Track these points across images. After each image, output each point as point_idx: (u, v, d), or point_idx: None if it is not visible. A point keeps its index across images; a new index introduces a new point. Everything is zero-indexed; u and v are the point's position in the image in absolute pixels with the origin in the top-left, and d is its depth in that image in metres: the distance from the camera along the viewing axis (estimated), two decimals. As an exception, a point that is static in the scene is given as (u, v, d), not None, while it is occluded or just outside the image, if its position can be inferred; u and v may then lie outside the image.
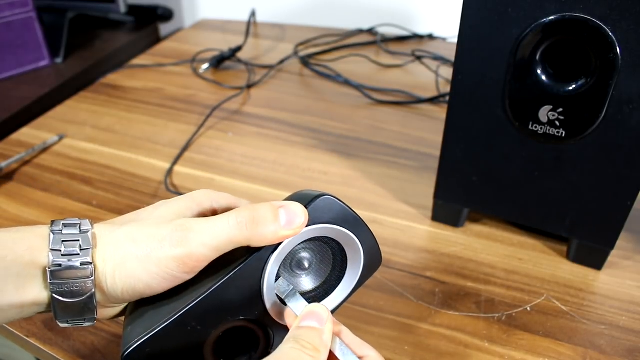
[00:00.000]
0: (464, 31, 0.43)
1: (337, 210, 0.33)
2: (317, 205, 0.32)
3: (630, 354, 0.42)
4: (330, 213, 0.33)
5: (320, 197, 0.32)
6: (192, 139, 0.70)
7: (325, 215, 0.33)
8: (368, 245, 0.35)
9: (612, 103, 0.40)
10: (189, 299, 0.30)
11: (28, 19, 0.83)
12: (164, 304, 0.30)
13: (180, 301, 0.30)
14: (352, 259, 0.35)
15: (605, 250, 0.48)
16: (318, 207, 0.32)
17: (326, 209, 0.33)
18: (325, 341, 0.29)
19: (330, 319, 0.30)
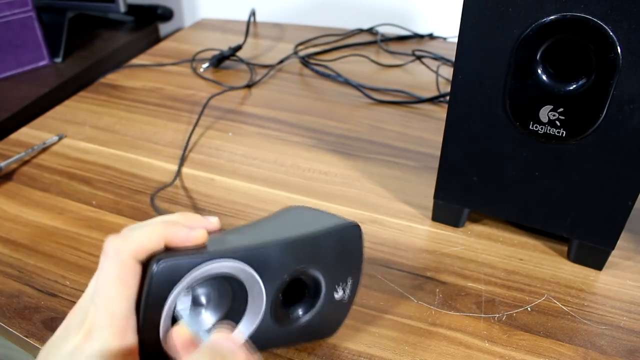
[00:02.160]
0: (464, 31, 0.43)
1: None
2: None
3: (631, 355, 0.41)
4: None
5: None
6: (189, 138, 0.70)
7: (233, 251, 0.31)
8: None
9: (612, 103, 0.40)
10: None
11: (27, 19, 0.83)
12: None
13: None
14: (253, 293, 0.33)
15: (606, 250, 0.48)
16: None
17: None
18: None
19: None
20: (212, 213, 0.56)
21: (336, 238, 0.36)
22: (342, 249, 0.36)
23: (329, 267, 0.36)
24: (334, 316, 0.39)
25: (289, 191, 0.60)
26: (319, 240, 0.35)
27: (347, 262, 0.37)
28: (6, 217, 0.56)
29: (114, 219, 0.56)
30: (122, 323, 0.28)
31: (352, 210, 0.57)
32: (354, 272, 0.38)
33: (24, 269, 0.49)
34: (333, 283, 0.37)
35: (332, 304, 0.38)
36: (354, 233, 0.37)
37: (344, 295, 0.38)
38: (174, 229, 0.30)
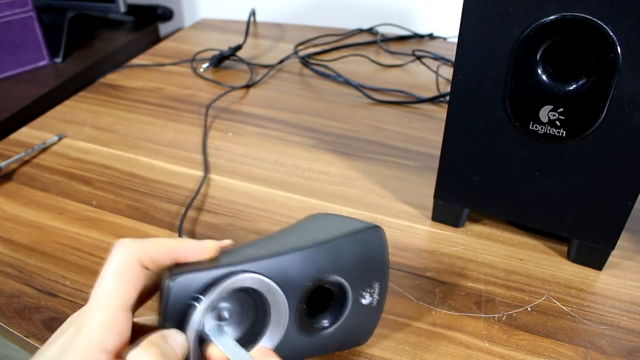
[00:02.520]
0: (464, 31, 0.43)
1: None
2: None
3: (630, 355, 0.41)
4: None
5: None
6: (205, 142, 0.70)
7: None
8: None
9: (612, 103, 0.40)
10: None
11: (27, 19, 0.83)
12: None
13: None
14: (275, 305, 0.32)
15: (606, 250, 0.48)
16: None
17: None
18: None
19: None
20: (212, 213, 0.57)
21: (357, 242, 0.35)
22: (364, 253, 0.35)
23: (352, 273, 0.35)
24: (364, 322, 0.38)
25: (289, 191, 0.60)
26: (340, 246, 0.34)
27: (372, 265, 0.36)
28: (6, 217, 0.56)
29: (114, 219, 0.56)
30: (115, 318, 0.27)
31: (352, 210, 0.57)
32: (380, 275, 0.37)
33: (24, 269, 0.49)
34: (359, 288, 0.36)
35: (360, 309, 0.37)
36: (376, 235, 0.36)
37: (372, 300, 0.37)
38: (184, 242, 0.31)
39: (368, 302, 0.37)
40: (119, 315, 0.27)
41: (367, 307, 0.37)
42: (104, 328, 0.27)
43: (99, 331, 0.26)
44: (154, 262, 0.29)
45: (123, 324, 0.27)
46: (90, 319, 0.27)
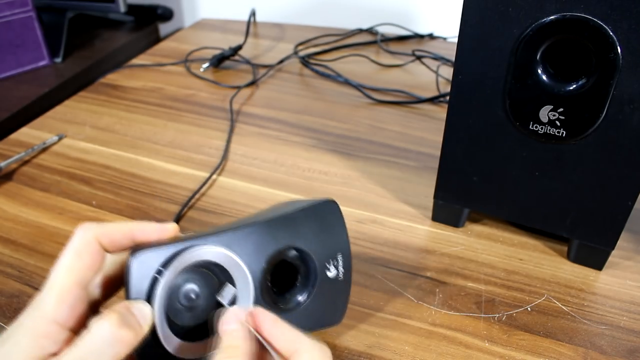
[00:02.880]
0: (464, 31, 0.43)
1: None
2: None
3: (630, 355, 0.41)
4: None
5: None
6: (227, 146, 0.70)
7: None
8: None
9: (612, 103, 0.40)
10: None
11: (27, 19, 0.83)
12: None
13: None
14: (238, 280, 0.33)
15: (606, 250, 0.48)
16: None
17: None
18: (246, 337, 0.29)
19: (245, 316, 0.30)
20: (212, 213, 0.57)
21: (313, 214, 0.36)
22: (322, 225, 0.36)
23: (313, 245, 0.36)
24: (334, 298, 0.38)
25: (289, 191, 0.60)
26: (296, 218, 0.35)
27: (332, 238, 0.37)
28: (6, 217, 0.56)
29: (114, 219, 0.56)
30: (68, 293, 0.28)
31: (352, 210, 0.57)
32: (342, 247, 0.37)
33: (24, 269, 0.49)
34: (322, 261, 0.36)
35: (327, 284, 0.37)
36: (331, 208, 0.37)
37: (337, 273, 0.37)
38: (143, 223, 0.31)
39: (334, 275, 0.37)
40: (73, 290, 0.28)
41: (334, 281, 0.37)
42: (56, 301, 0.27)
43: (51, 304, 0.27)
44: (113, 242, 0.30)
45: (76, 299, 0.28)
46: (44, 294, 0.28)
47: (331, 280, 0.37)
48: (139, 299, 0.29)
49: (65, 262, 0.29)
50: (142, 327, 0.28)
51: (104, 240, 0.30)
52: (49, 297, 0.27)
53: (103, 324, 0.26)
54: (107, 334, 0.26)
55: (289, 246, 0.35)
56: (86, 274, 0.29)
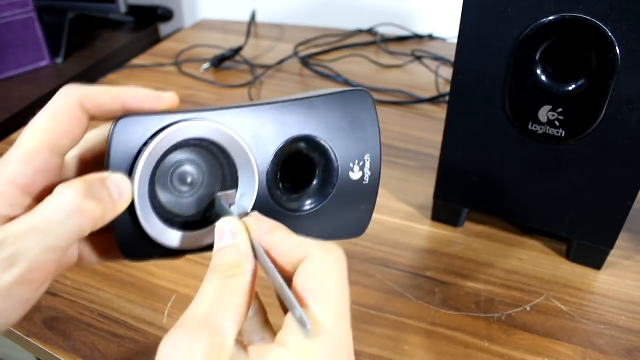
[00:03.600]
0: (464, 31, 0.43)
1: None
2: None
3: (629, 354, 0.42)
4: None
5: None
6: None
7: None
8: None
9: (611, 103, 0.40)
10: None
11: (28, 20, 0.83)
12: None
13: None
14: (243, 169, 0.28)
15: (604, 250, 0.48)
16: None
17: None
18: (242, 253, 0.24)
19: (242, 227, 0.25)
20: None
21: (340, 103, 0.30)
22: (350, 118, 0.30)
23: (336, 139, 0.30)
24: (356, 204, 0.32)
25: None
26: (319, 104, 0.29)
27: (360, 134, 0.31)
28: (7, 217, 0.56)
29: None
30: (34, 155, 0.24)
31: (352, 210, 0.57)
32: (371, 147, 0.32)
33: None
34: (347, 160, 0.31)
35: (349, 186, 0.31)
36: (363, 99, 0.31)
37: (363, 176, 0.32)
38: (136, 88, 0.27)
39: (358, 178, 0.32)
40: (41, 153, 0.24)
41: (358, 184, 0.32)
42: (19, 161, 0.24)
43: (13, 164, 0.24)
44: (99, 106, 0.26)
45: (44, 164, 0.24)
46: (8, 153, 0.24)
47: (354, 182, 0.31)
48: (118, 171, 0.25)
49: (38, 122, 0.25)
50: (116, 202, 0.24)
51: (88, 104, 0.25)
52: (12, 157, 0.24)
53: (65, 192, 0.23)
54: (68, 204, 0.23)
55: (307, 136, 0.29)
56: (61, 139, 0.25)
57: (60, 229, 0.22)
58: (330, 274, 0.23)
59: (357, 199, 0.32)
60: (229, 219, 0.26)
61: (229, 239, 0.25)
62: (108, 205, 0.24)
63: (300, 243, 0.24)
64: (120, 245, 0.27)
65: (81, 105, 0.25)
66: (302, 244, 0.24)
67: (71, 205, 0.23)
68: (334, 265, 0.23)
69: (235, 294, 0.23)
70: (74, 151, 0.28)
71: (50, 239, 0.22)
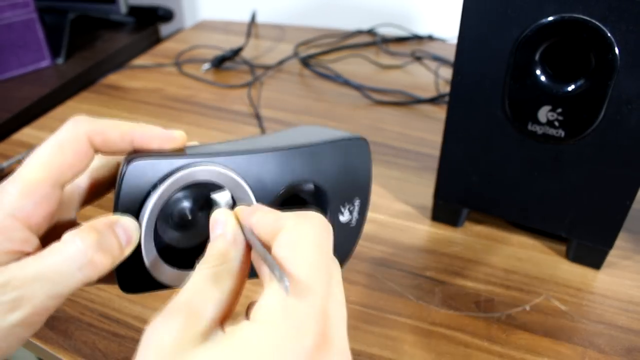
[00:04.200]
0: (464, 32, 0.43)
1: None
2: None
3: (628, 353, 0.42)
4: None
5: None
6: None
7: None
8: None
9: (611, 103, 0.40)
10: None
11: (29, 20, 0.83)
12: None
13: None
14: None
15: (604, 250, 0.48)
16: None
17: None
18: (229, 240, 0.25)
19: (230, 215, 0.26)
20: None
21: (340, 151, 0.31)
22: (346, 165, 0.32)
23: (332, 184, 0.32)
24: (340, 243, 0.34)
25: (290, 191, 0.60)
26: (319, 152, 0.31)
27: (353, 180, 0.33)
28: (8, 217, 0.56)
29: (115, 218, 0.56)
30: (35, 188, 0.24)
31: (352, 210, 0.57)
32: (362, 191, 0.33)
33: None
34: (338, 203, 0.32)
35: (338, 228, 0.33)
36: (361, 147, 0.32)
37: (350, 218, 0.34)
38: (146, 126, 0.27)
39: (346, 220, 0.34)
40: (43, 185, 0.24)
41: (346, 225, 0.34)
42: (20, 193, 0.23)
43: (13, 196, 0.23)
44: (107, 142, 0.26)
45: (45, 197, 0.24)
46: (7, 183, 0.24)
47: (342, 224, 0.33)
48: (127, 213, 0.25)
49: (42, 153, 0.25)
50: (123, 250, 0.25)
51: (97, 139, 0.25)
52: (12, 188, 0.24)
53: (77, 243, 0.23)
54: (79, 256, 0.23)
55: (306, 180, 0.31)
56: (64, 172, 0.25)
57: (69, 279, 0.23)
58: (302, 241, 0.23)
59: (342, 240, 0.34)
60: (220, 210, 0.26)
61: (220, 229, 0.25)
62: (116, 253, 0.24)
63: (276, 217, 0.24)
64: (119, 280, 0.27)
65: (89, 139, 0.25)
66: (278, 218, 0.24)
67: (82, 259, 0.23)
68: (307, 232, 0.23)
69: (220, 279, 0.23)
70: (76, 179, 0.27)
71: (58, 287, 0.22)
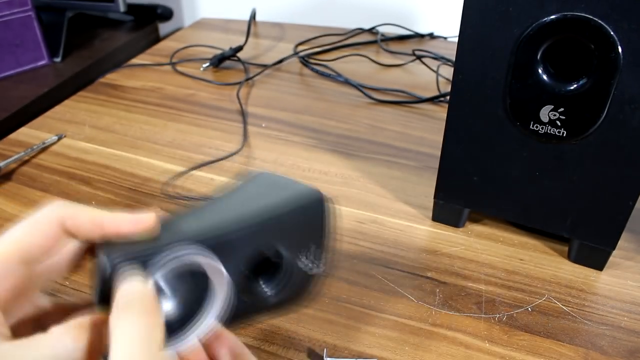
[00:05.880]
0: (465, 30, 0.43)
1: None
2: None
3: (631, 355, 0.41)
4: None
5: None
6: (244, 142, 0.70)
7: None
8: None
9: (613, 103, 0.40)
10: None
11: (27, 18, 0.83)
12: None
13: None
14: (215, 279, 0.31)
15: (606, 250, 0.48)
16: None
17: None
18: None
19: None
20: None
21: (301, 213, 0.34)
22: (304, 221, 0.35)
23: (291, 240, 0.34)
24: (303, 287, 0.37)
25: (289, 191, 0.60)
26: (283, 221, 0.33)
27: (308, 230, 0.35)
28: (5, 217, 0.56)
29: (113, 219, 0.55)
30: (4, 262, 0.25)
31: (352, 210, 0.57)
32: (316, 239, 0.36)
33: (23, 269, 0.49)
34: (295, 252, 0.35)
35: (298, 274, 0.35)
36: (320, 207, 0.35)
37: (309, 264, 0.36)
38: (115, 214, 0.27)
39: (305, 267, 0.36)
40: (10, 263, 0.25)
41: (305, 272, 0.36)
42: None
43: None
44: (78, 227, 0.27)
45: (12, 272, 0.25)
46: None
47: (302, 271, 0.36)
48: (104, 304, 0.26)
49: (13, 231, 0.26)
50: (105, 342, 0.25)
51: (69, 223, 0.26)
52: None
53: (63, 339, 0.24)
54: (65, 353, 0.23)
55: (270, 247, 0.33)
56: (33, 252, 0.26)
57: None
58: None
59: (303, 283, 0.36)
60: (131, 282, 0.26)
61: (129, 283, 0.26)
62: (98, 347, 0.25)
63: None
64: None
65: (61, 223, 0.26)
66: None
67: (68, 356, 0.23)
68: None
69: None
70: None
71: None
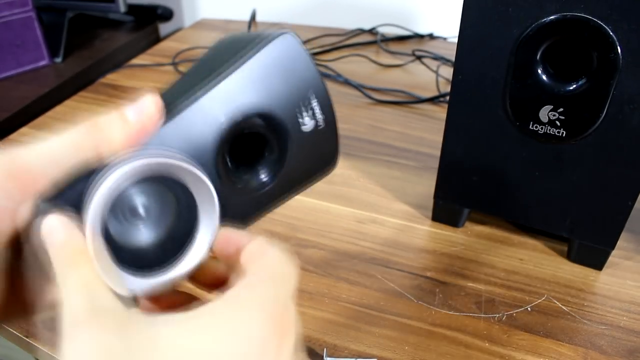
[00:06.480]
0: (465, 31, 0.43)
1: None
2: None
3: (630, 355, 0.41)
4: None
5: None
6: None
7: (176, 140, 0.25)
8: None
9: (612, 103, 0.40)
10: None
11: (27, 19, 0.83)
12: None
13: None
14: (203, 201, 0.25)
15: (606, 250, 0.48)
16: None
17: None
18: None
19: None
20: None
21: (269, 59, 0.27)
22: (281, 69, 0.28)
23: (276, 100, 0.28)
24: (318, 150, 0.30)
25: (289, 191, 0.60)
26: (248, 73, 0.27)
27: (298, 79, 0.29)
28: (6, 217, 0.56)
29: None
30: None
31: (352, 210, 0.57)
32: (313, 87, 0.29)
33: (24, 269, 0.49)
34: (292, 115, 0.28)
35: (306, 139, 0.29)
36: (288, 44, 0.28)
37: (316, 123, 0.29)
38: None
39: (312, 127, 0.29)
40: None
41: (314, 132, 0.30)
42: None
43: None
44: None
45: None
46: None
47: (309, 134, 0.29)
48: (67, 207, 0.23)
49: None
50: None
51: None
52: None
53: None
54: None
55: (249, 112, 0.27)
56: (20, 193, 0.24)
57: (60, 144, 0.26)
58: (270, 250, 0.24)
59: (318, 146, 0.30)
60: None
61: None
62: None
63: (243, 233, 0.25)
64: None
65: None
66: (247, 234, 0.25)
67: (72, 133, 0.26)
68: (274, 250, 0.24)
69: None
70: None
71: (50, 148, 0.26)
